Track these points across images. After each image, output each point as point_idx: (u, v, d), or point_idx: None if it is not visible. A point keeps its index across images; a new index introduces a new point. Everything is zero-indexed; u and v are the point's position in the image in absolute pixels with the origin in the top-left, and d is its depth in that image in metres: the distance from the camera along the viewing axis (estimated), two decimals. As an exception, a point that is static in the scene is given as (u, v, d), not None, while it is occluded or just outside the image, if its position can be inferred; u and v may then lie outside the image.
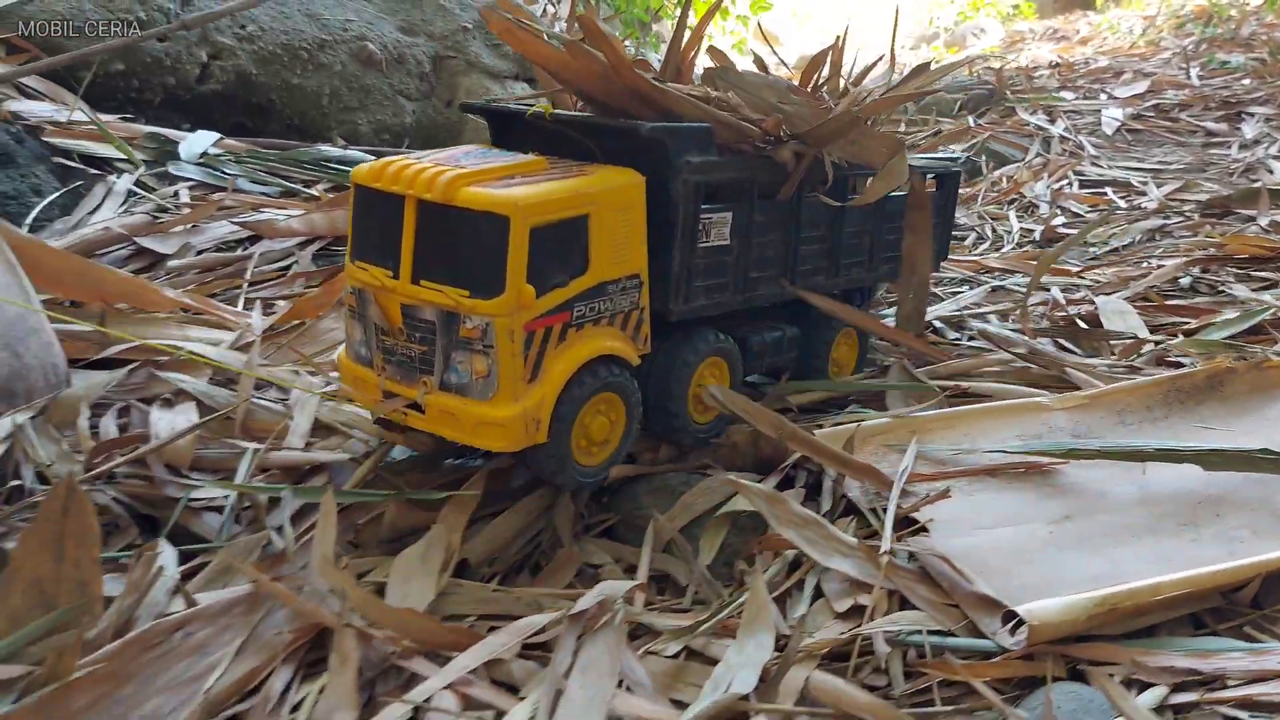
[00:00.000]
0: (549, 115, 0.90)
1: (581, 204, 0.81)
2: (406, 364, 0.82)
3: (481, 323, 0.77)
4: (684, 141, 0.87)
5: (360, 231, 0.86)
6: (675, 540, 0.84)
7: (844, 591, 0.76)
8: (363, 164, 0.86)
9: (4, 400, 0.94)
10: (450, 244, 0.79)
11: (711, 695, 0.64)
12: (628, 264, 0.85)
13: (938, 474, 0.88)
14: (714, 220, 0.92)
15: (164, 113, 1.60)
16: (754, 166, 0.94)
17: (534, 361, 0.80)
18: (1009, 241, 1.85)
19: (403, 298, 0.81)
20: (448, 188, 0.77)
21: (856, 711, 0.64)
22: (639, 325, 0.88)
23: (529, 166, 0.83)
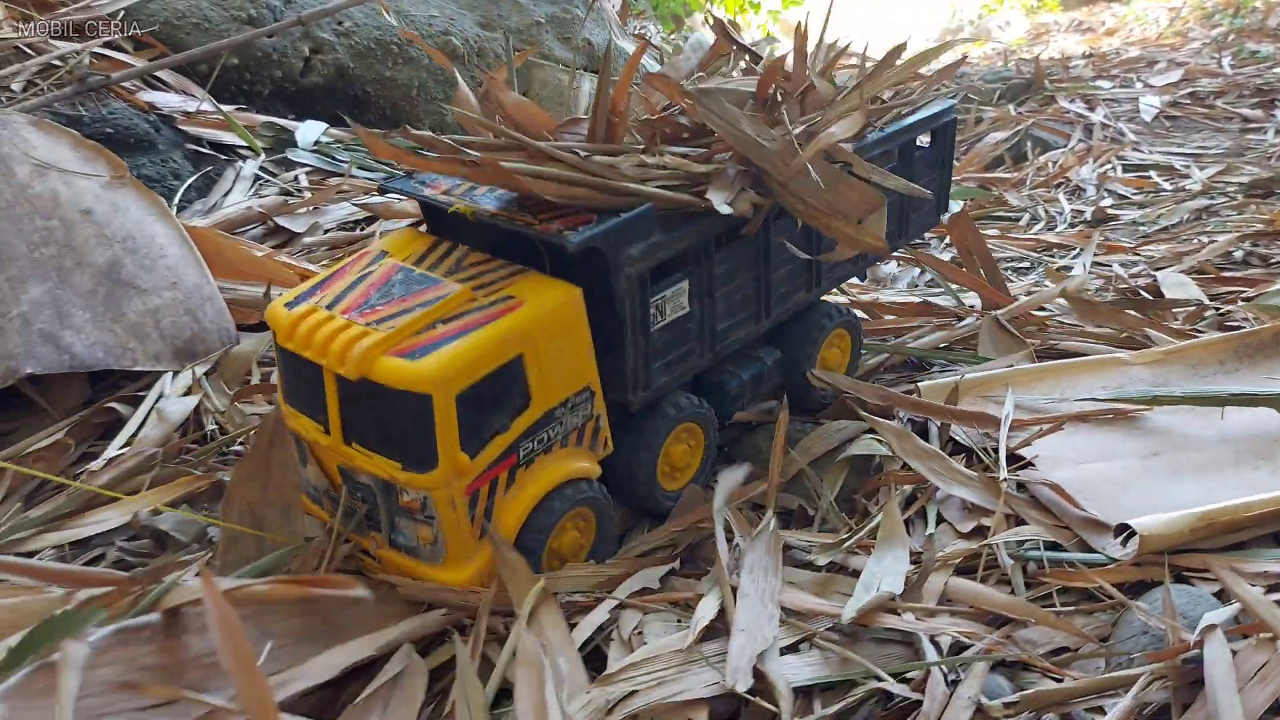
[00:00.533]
0: (470, 216, 0.79)
1: (513, 347, 0.73)
2: (353, 516, 0.77)
3: (419, 496, 0.72)
4: (620, 239, 0.77)
5: (286, 376, 0.79)
6: (805, 473, 0.94)
7: (964, 516, 0.86)
8: (278, 303, 0.78)
9: (186, 357, 1.05)
10: (375, 414, 0.72)
11: (865, 595, 0.74)
12: (575, 381, 0.79)
13: (1035, 419, 0.98)
14: (668, 296, 0.84)
15: (271, 103, 1.71)
16: (706, 228, 0.84)
17: (482, 518, 0.75)
18: (1061, 221, 1.94)
19: (338, 458, 0.76)
20: (362, 361, 0.69)
21: (993, 609, 0.74)
22: (596, 433, 0.82)
23: (453, 304, 0.74)
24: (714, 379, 0.93)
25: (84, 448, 0.96)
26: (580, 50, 2.16)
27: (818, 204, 0.87)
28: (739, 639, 0.67)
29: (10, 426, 0.98)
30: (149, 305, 1.04)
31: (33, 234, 1.03)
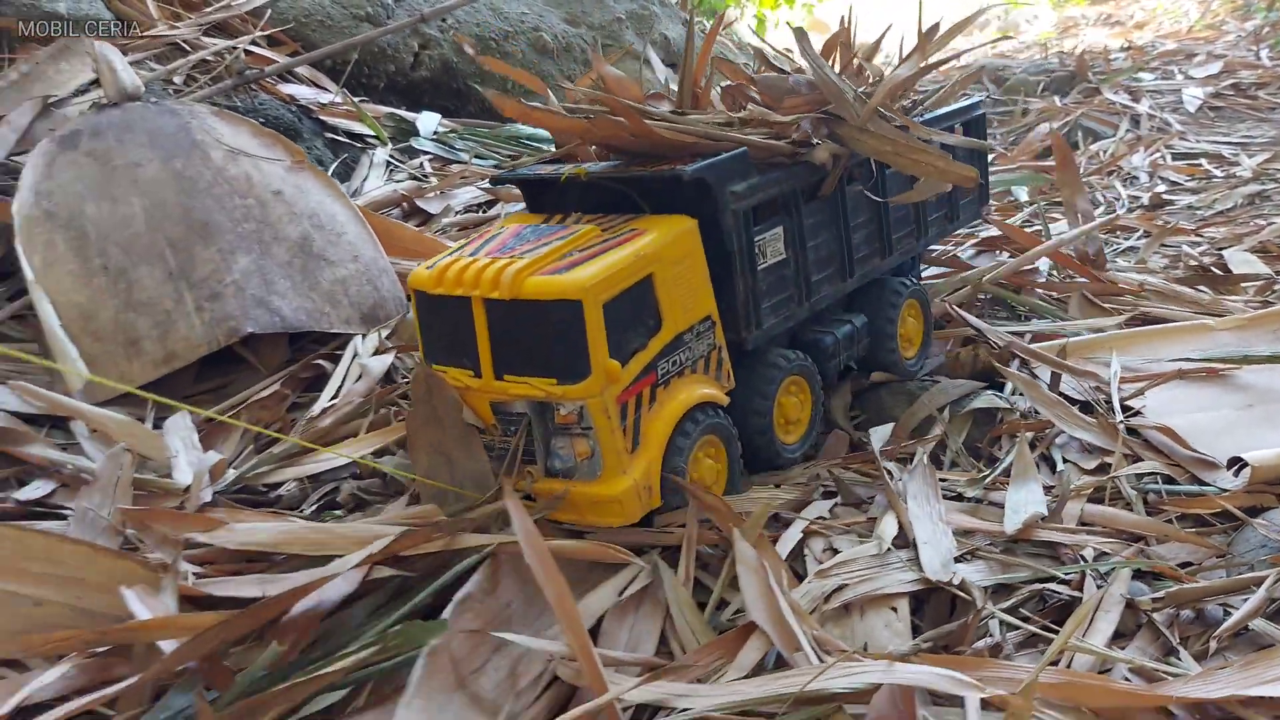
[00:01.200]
0: (584, 176, 0.87)
1: (644, 266, 0.79)
2: (511, 457, 0.81)
3: (575, 407, 0.76)
4: (724, 174, 0.85)
5: (430, 335, 0.84)
6: (937, 418, 1.05)
7: (1084, 457, 0.98)
8: (418, 268, 0.83)
9: (371, 322, 1.17)
10: (527, 336, 0.77)
11: (1017, 517, 0.86)
12: (698, 309, 0.85)
13: (1138, 376, 1.09)
14: (767, 239, 0.90)
15: (385, 96, 1.83)
16: (794, 176, 0.92)
17: (632, 431, 0.79)
18: (1121, 207, 2.05)
19: (490, 395, 0.80)
20: (513, 282, 0.75)
21: (1127, 528, 0.85)
22: (720, 364, 0.88)
23: (582, 239, 0.81)
24: (810, 337, 0.99)
25: (292, 399, 1.08)
26: (657, 45, 2.28)
27: (895, 146, 0.94)
28: (925, 548, 0.79)
29: (225, 381, 1.10)
30: (337, 275, 1.16)
31: (234, 211, 1.15)
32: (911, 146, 0.95)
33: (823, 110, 0.95)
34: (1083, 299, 1.32)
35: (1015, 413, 1.06)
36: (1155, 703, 0.65)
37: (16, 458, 0.92)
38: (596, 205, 0.88)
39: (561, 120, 0.90)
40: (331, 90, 1.66)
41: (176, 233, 1.11)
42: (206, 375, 1.10)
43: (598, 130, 0.87)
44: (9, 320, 1.10)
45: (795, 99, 0.96)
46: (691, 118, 0.90)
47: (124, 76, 1.27)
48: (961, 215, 1.22)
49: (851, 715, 0.61)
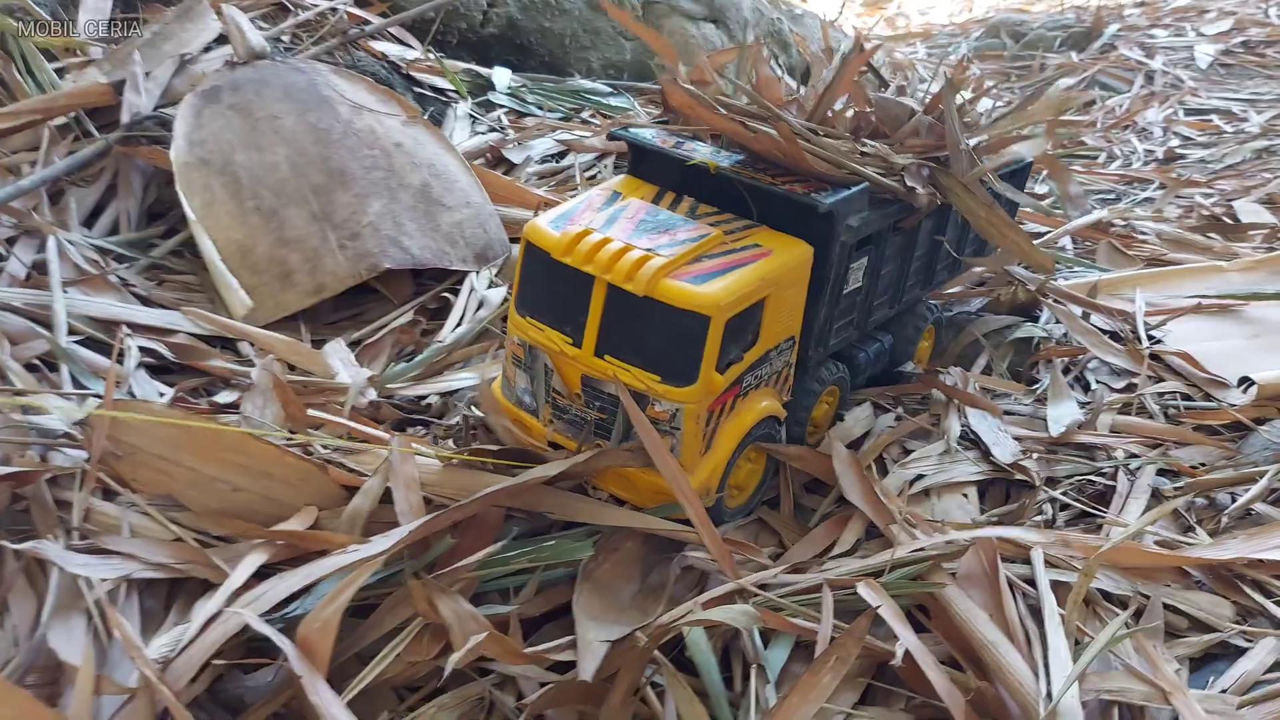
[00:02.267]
0: (714, 170, 0.89)
1: (766, 288, 0.82)
2: (578, 424, 0.85)
3: (672, 408, 0.80)
4: (849, 209, 0.88)
5: (533, 289, 0.86)
6: (984, 344, 1.22)
7: (1114, 379, 1.14)
8: (540, 224, 0.86)
9: (483, 261, 1.32)
10: (644, 330, 0.79)
11: (1059, 425, 1.02)
12: (788, 329, 0.88)
13: (1157, 311, 1.25)
14: (854, 268, 0.94)
15: (457, 52, 1.96)
16: (894, 212, 0.95)
17: (709, 436, 0.83)
18: (1136, 159, 2.19)
19: (584, 368, 0.82)
20: (651, 281, 0.78)
21: (1153, 435, 1.02)
22: (787, 379, 0.91)
23: (710, 244, 0.83)
24: (847, 352, 1.02)
25: (424, 325, 1.24)
26: (702, 3, 2.41)
27: (989, 214, 0.99)
28: (995, 447, 0.95)
29: (359, 310, 1.26)
30: (454, 219, 1.31)
31: (364, 160, 1.30)
32: (1003, 220, 1.00)
33: (934, 156, 0.99)
34: (1109, 247, 1.47)
35: (1051, 341, 1.22)
36: (1176, 563, 0.82)
37: (201, 370, 1.08)
38: (704, 192, 0.91)
39: (721, 120, 0.91)
40: (416, 48, 1.79)
41: (317, 179, 1.26)
42: (342, 305, 1.26)
43: (757, 143, 0.89)
44: (169, 255, 1.25)
45: (913, 139, 1.00)
46: (827, 142, 0.92)
47: (251, 37, 1.41)
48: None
49: (946, 570, 0.78)
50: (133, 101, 1.31)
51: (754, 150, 0.91)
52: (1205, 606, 0.79)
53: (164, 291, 1.19)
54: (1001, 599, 0.74)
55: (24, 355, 0.99)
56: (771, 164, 0.90)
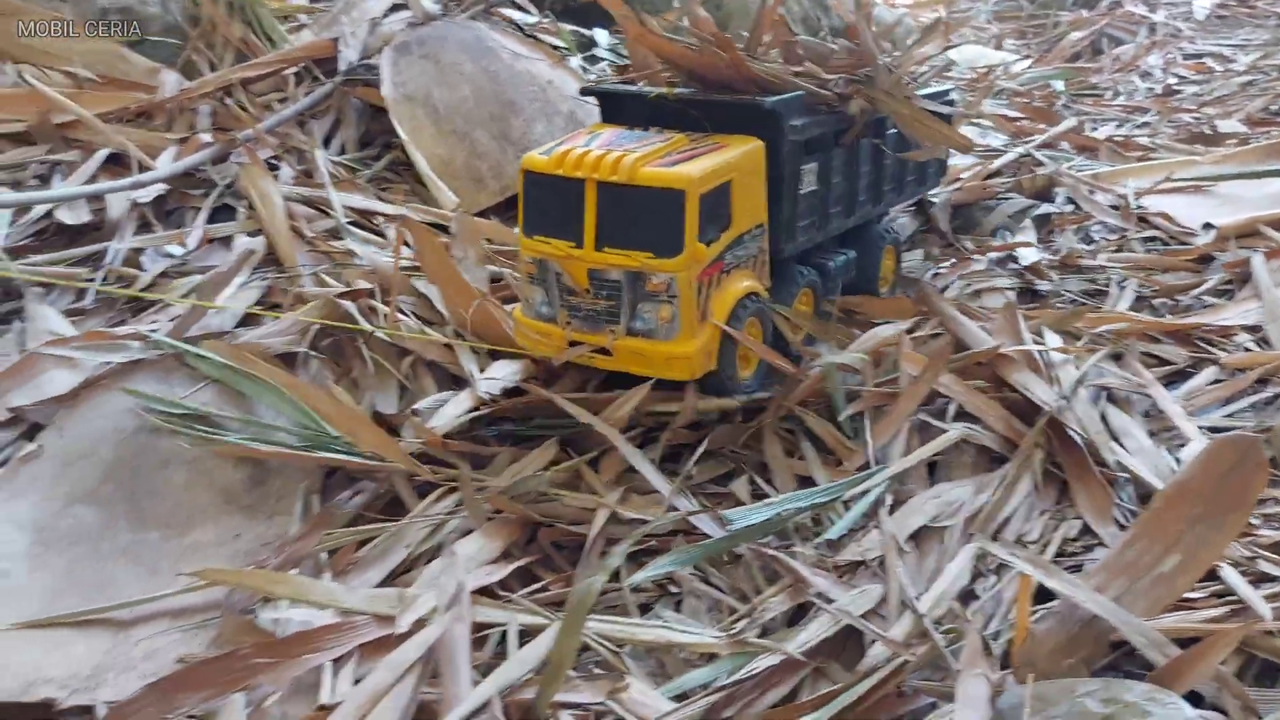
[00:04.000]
0: (671, 96, 1.05)
1: (728, 172, 0.96)
2: (592, 317, 0.98)
3: (666, 279, 0.94)
4: (790, 109, 1.02)
5: (534, 210, 1.00)
6: (1009, 222, 1.59)
7: (1109, 234, 1.51)
8: (533, 154, 1.00)
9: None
10: (633, 215, 0.93)
11: (1062, 252, 1.39)
12: (755, 216, 1.02)
13: (1144, 191, 1.62)
14: (806, 170, 1.07)
15: (561, 17, 2.35)
16: (831, 122, 1.09)
17: (703, 305, 0.97)
18: (1138, 95, 2.55)
19: (588, 263, 0.96)
20: (631, 170, 0.92)
21: (1138, 263, 1.39)
22: (763, 265, 1.05)
23: (675, 145, 0.98)
24: (816, 261, 1.16)
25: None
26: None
27: (912, 111, 1.14)
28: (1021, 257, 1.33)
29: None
30: (596, 137, 1.70)
31: (526, 94, 1.68)
32: (924, 114, 1.16)
33: (858, 73, 1.13)
34: (1109, 150, 1.84)
35: (1063, 215, 1.59)
36: (1157, 328, 1.19)
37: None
38: (666, 124, 1.05)
39: (671, 46, 1.08)
40: (534, 13, 2.17)
41: (494, 109, 1.64)
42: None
43: (703, 59, 1.05)
44: (387, 170, 1.64)
45: (839, 61, 1.14)
46: (765, 63, 1.09)
47: (425, 2, 1.80)
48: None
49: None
50: (345, 54, 1.70)
51: (703, 79, 1.07)
52: (1169, 354, 1.16)
53: (389, 194, 1.58)
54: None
55: (317, 229, 1.38)
56: (718, 88, 1.07)
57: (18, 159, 1.39)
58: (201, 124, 1.55)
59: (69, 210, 1.30)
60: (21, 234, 1.27)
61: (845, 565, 0.86)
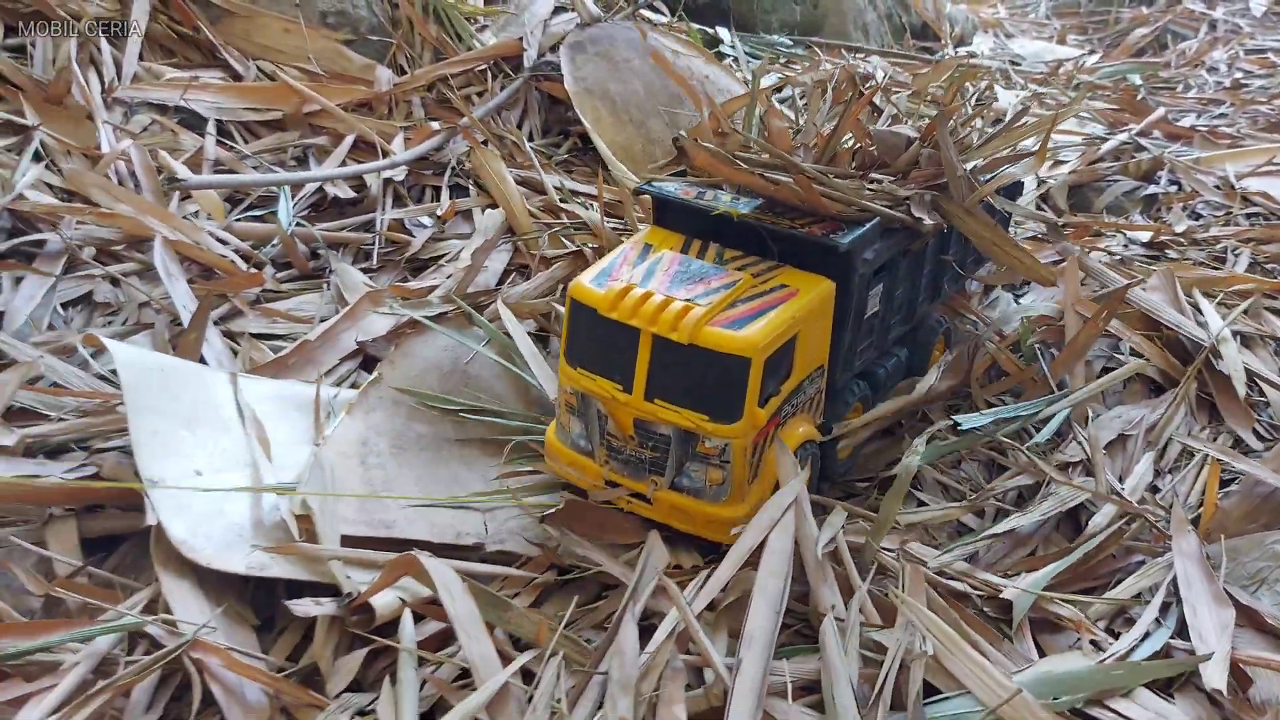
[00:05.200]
0: (736, 218, 0.96)
1: (797, 325, 0.90)
2: (634, 463, 0.92)
3: (721, 444, 0.88)
4: (861, 244, 0.95)
5: (582, 342, 0.92)
6: (1123, 200, 1.80)
7: (1215, 209, 1.73)
8: (583, 282, 0.93)
9: (768, 155, 1.93)
10: (690, 374, 0.87)
11: (1181, 223, 1.61)
12: (817, 359, 0.96)
13: (1242, 174, 1.83)
14: (871, 295, 1.01)
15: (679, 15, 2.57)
16: (904, 238, 1.03)
17: (756, 465, 0.91)
18: (1210, 88, 2.75)
19: (635, 412, 0.89)
20: (694, 330, 0.85)
21: (1244, 234, 1.60)
22: (819, 404, 0.99)
23: (744, 289, 0.91)
24: (868, 369, 1.09)
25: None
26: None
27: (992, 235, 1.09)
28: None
29: (695, 188, 1.87)
30: (750, 125, 1.92)
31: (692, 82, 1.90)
32: (1006, 240, 1.10)
33: (934, 184, 1.08)
34: (1201, 139, 2.05)
35: (1169, 194, 1.81)
36: (1274, 288, 1.41)
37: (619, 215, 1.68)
38: (726, 237, 0.98)
39: (742, 175, 1.00)
40: (665, 14, 2.39)
41: (664, 100, 1.86)
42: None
43: (779, 194, 0.97)
44: (568, 154, 1.86)
45: (914, 170, 1.09)
46: (838, 184, 0.99)
47: (590, 7, 2.02)
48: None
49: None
50: (530, 53, 1.92)
51: (771, 196, 0.99)
52: None
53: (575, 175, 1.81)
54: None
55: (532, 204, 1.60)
56: (789, 207, 0.99)
57: (275, 144, 1.62)
58: (416, 114, 1.78)
59: (337, 187, 1.53)
60: (300, 207, 1.50)
61: (1055, 466, 1.08)
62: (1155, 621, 0.86)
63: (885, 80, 2.50)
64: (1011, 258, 1.11)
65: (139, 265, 1.27)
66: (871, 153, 1.10)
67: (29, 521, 0.87)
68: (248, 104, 1.64)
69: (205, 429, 1.00)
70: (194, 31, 1.72)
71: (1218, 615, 0.83)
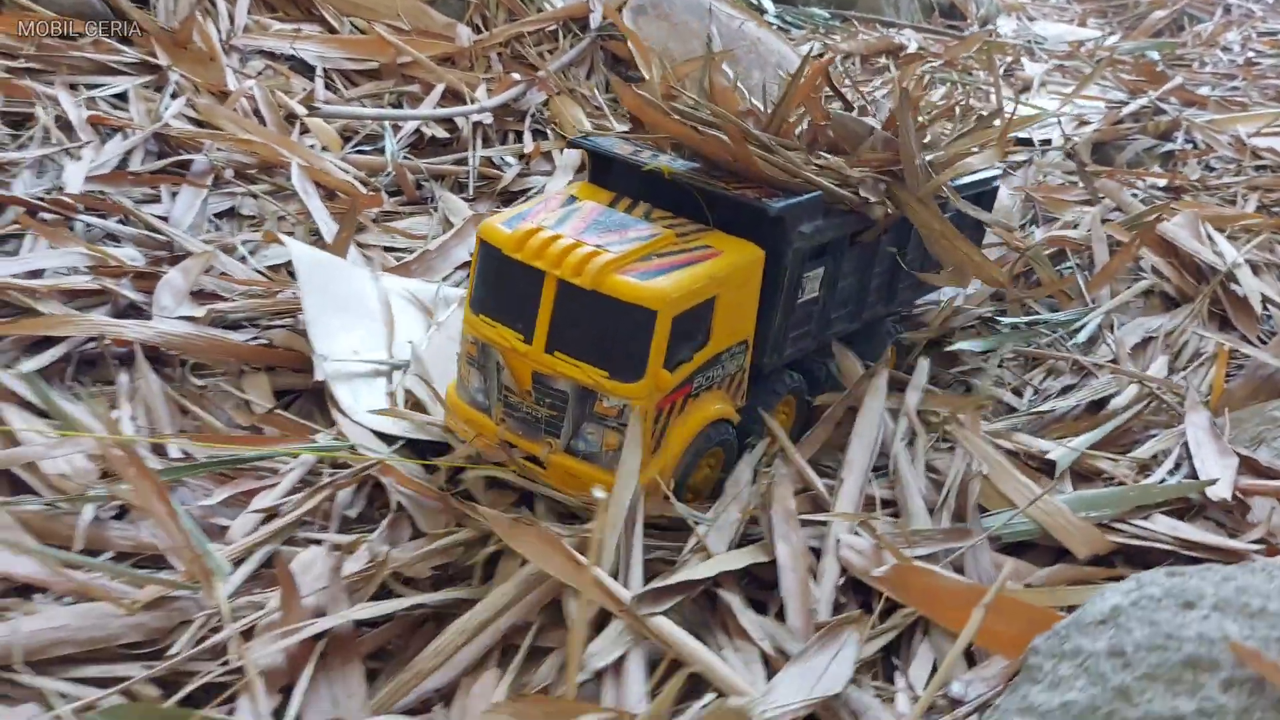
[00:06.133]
0: (668, 174, 0.90)
1: (714, 288, 0.83)
2: (530, 422, 0.85)
3: (620, 404, 0.80)
4: (800, 214, 0.89)
5: (486, 287, 0.86)
6: (1142, 156, 1.96)
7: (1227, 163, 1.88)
8: (492, 222, 0.87)
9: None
10: (592, 325, 0.81)
11: (1194, 174, 1.77)
12: (740, 332, 0.88)
13: (1255, 133, 1.99)
14: (809, 277, 0.94)
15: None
16: (847, 224, 0.96)
17: (659, 434, 0.84)
18: (1223, 65, 2.91)
19: (534, 365, 0.83)
20: (598, 275, 0.79)
21: (1252, 183, 1.76)
22: (740, 384, 0.92)
23: (661, 244, 0.84)
24: (805, 365, 1.02)
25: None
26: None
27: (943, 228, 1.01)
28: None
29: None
30: (798, 84, 2.08)
31: (742, 46, 2.06)
32: (955, 236, 1.03)
33: (890, 171, 1.02)
34: (1216, 104, 2.21)
35: (1185, 150, 1.96)
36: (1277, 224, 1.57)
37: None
38: (660, 199, 0.92)
39: (672, 124, 0.94)
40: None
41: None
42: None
43: (706, 146, 0.91)
44: (632, 107, 2.02)
45: (869, 152, 1.01)
46: (781, 151, 0.92)
47: (650, -26, 2.18)
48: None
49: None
50: (595, 14, 2.08)
51: (708, 158, 0.93)
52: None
53: (639, 126, 1.97)
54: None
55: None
56: (729, 173, 0.93)
57: (373, 90, 1.79)
58: (494, 68, 1.94)
59: (431, 128, 1.70)
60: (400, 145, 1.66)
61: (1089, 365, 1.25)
62: (1170, 472, 1.02)
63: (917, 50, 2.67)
64: (960, 254, 1.03)
65: (271, 186, 1.44)
66: (829, 136, 1.04)
67: (227, 373, 1.04)
68: (347, 54, 1.81)
69: (354, 314, 1.17)
70: (295, -12, 1.89)
71: (1223, 462, 0.99)
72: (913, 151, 0.99)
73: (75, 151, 1.33)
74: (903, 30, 2.92)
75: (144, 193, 1.32)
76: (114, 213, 1.24)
